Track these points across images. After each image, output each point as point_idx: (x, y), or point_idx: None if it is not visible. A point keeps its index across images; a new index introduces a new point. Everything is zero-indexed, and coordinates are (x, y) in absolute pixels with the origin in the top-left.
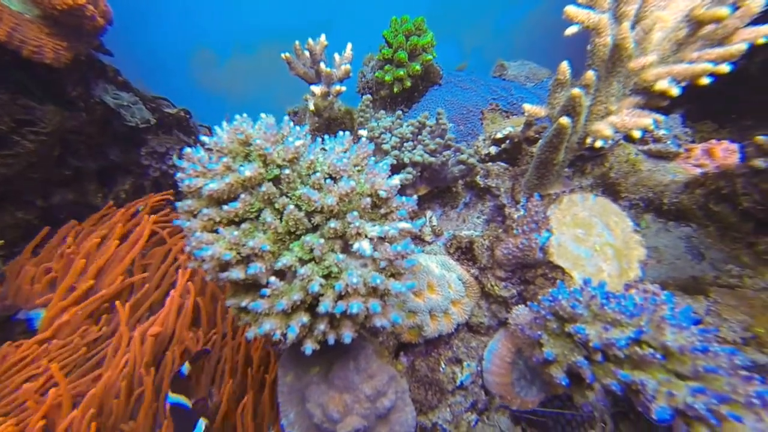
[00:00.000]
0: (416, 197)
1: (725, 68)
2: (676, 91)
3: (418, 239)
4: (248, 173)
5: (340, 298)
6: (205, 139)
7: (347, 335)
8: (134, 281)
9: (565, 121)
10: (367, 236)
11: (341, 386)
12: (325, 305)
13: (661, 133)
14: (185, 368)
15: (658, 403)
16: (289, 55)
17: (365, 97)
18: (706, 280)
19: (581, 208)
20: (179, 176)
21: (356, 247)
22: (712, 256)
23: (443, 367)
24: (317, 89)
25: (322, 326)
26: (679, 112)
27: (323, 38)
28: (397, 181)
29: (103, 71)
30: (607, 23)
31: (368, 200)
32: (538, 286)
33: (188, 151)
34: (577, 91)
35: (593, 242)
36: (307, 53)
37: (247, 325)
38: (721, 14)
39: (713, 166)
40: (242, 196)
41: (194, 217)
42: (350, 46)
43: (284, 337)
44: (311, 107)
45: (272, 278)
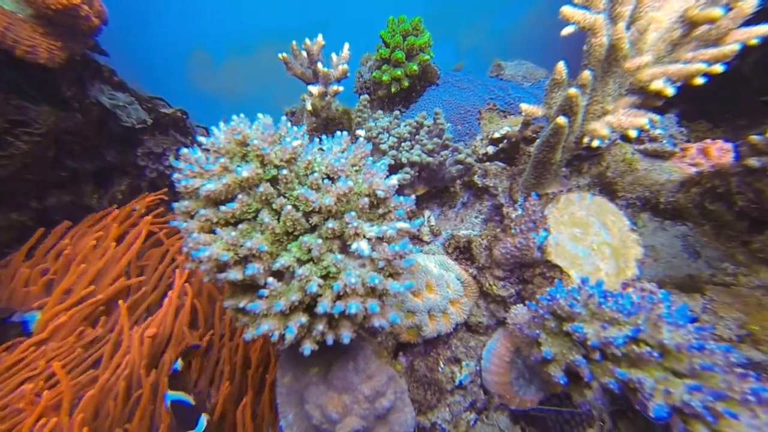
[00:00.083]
0: (414, 197)
1: (719, 68)
2: (671, 91)
3: (416, 239)
4: (246, 174)
5: (338, 298)
6: (202, 139)
7: (346, 336)
8: (131, 284)
9: (562, 120)
10: (365, 236)
11: (340, 387)
12: (323, 306)
13: (657, 132)
14: (178, 364)
15: (655, 401)
16: (286, 55)
17: (363, 97)
18: (702, 278)
19: (579, 207)
20: (176, 177)
21: (354, 247)
22: (707, 254)
23: (442, 366)
24: (315, 89)
25: (320, 327)
26: (674, 111)
27: (320, 38)
28: (395, 181)
29: (98, 71)
30: (602, 24)
31: (366, 200)
32: (536, 285)
33: (185, 151)
34: (573, 90)
35: (591, 241)
36: (304, 53)
37: (245, 326)
38: (714, 15)
39: (708, 165)
40: (240, 196)
41: (191, 218)
42: (347, 46)
43: (282, 338)
44: (309, 107)
45: (270, 279)
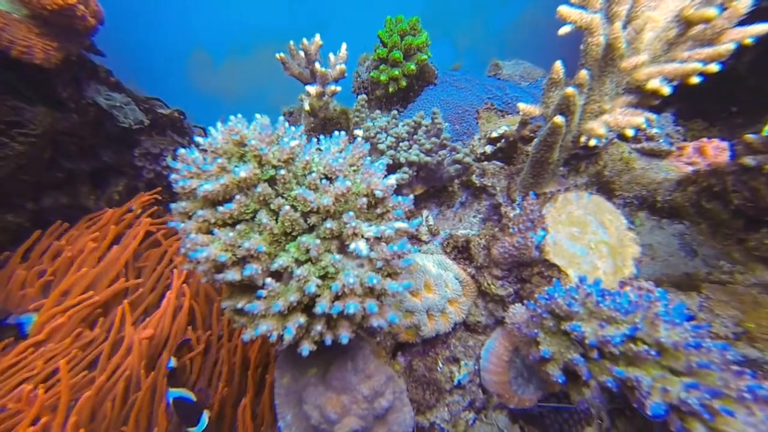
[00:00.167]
0: (412, 197)
1: (714, 68)
2: (667, 90)
3: (414, 239)
4: (243, 174)
5: (336, 298)
6: (199, 139)
7: (344, 336)
8: (129, 285)
9: (559, 119)
10: (363, 236)
11: (339, 387)
12: (321, 306)
13: (653, 131)
14: (172, 361)
15: (653, 399)
16: (283, 55)
17: (360, 96)
18: (698, 276)
19: (576, 206)
20: (173, 177)
21: (353, 247)
22: (704, 252)
23: (441, 366)
24: (312, 89)
25: (319, 327)
26: (670, 110)
27: (318, 38)
28: (393, 180)
29: (94, 72)
30: (599, 23)
31: (364, 200)
32: (534, 284)
33: (182, 152)
34: (570, 90)
35: (588, 240)
36: (301, 53)
37: (243, 327)
38: (709, 15)
39: (705, 163)
40: (237, 197)
41: (189, 218)
42: (345, 46)
43: (281, 338)
44: (306, 107)
45: (268, 279)
